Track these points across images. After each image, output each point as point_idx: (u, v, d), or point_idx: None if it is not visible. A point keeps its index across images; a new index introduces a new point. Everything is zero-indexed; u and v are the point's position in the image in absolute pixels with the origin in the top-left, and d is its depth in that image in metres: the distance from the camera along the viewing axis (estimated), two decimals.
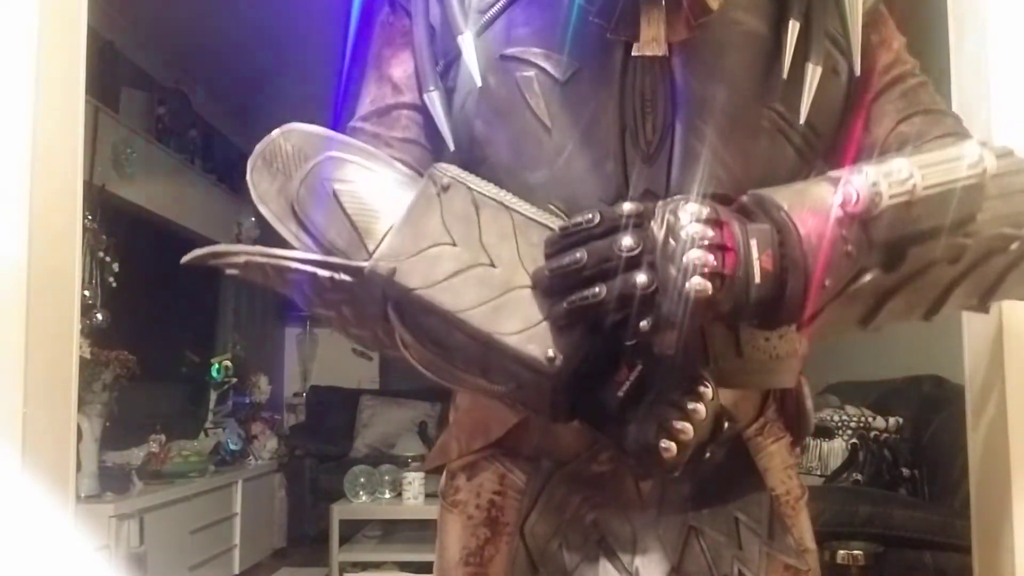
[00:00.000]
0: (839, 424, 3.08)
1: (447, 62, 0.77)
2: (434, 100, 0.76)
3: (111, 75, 3.67)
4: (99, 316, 3.18)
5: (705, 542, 0.78)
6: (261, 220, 0.76)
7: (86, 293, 3.13)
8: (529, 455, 0.81)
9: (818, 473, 3.03)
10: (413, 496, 3.67)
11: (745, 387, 0.81)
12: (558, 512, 0.79)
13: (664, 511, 0.78)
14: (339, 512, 3.69)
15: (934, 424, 2.88)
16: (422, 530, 3.59)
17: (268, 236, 0.75)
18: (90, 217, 3.11)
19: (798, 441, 0.88)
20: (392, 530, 3.93)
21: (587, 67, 0.71)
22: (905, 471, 2.89)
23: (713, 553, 0.77)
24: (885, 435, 2.99)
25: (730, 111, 0.71)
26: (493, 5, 0.74)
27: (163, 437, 3.68)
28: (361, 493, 3.82)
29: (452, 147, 0.76)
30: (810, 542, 0.84)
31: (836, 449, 3.03)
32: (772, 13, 0.72)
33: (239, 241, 4.96)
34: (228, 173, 4.88)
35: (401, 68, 0.82)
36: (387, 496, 3.84)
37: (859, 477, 2.92)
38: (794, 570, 0.80)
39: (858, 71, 0.75)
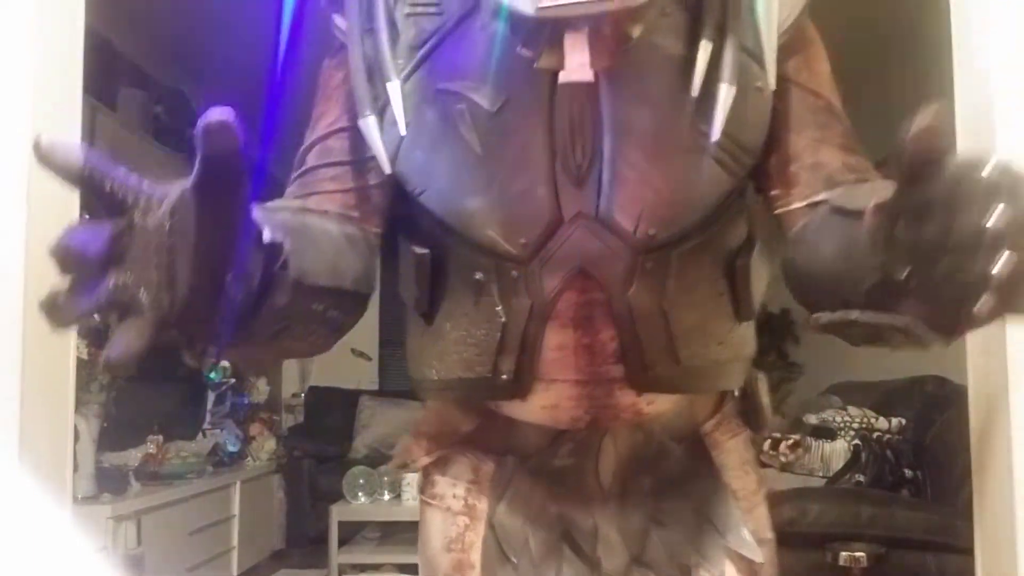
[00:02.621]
0: (841, 425, 3.07)
1: (384, 102, 0.77)
2: (370, 125, 0.76)
3: (109, 74, 3.66)
4: (96, 317, 3.17)
5: (664, 534, 0.83)
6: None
7: None
8: (496, 450, 0.87)
9: (820, 474, 3.03)
10: (412, 497, 3.66)
11: (686, 392, 0.83)
12: (525, 505, 0.85)
13: (625, 504, 0.84)
14: (338, 513, 3.68)
15: (937, 425, 2.87)
16: None
17: None
18: (88, 216, 3.10)
19: (757, 434, 0.93)
20: (391, 531, 3.92)
21: (516, 96, 0.72)
22: (907, 472, 2.89)
23: (672, 545, 0.83)
24: (888, 436, 2.99)
25: (655, 133, 0.73)
26: (426, 43, 0.75)
27: (161, 438, 3.67)
28: (360, 494, 3.81)
29: (388, 170, 0.77)
30: (767, 532, 0.88)
31: (838, 450, 3.02)
32: (690, 34, 0.72)
33: None
34: None
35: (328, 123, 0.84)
36: (386, 497, 3.83)
37: (861, 478, 2.92)
38: (748, 561, 0.84)
39: (772, 86, 0.75)
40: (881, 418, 3.04)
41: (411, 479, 3.71)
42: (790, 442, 3.13)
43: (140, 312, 0.48)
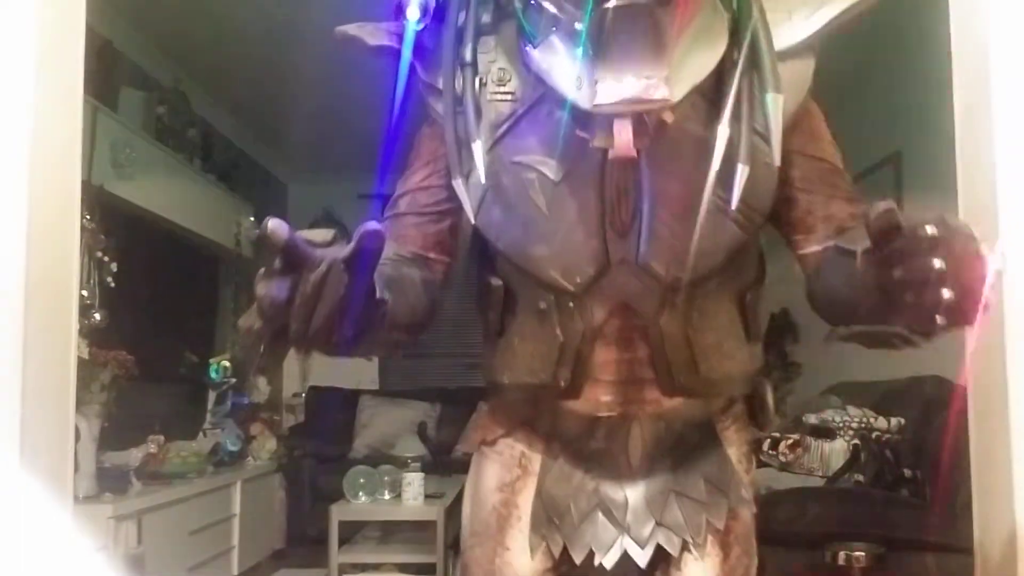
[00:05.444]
0: (841, 425, 3.07)
1: (470, 168, 0.95)
2: (459, 186, 0.96)
3: (110, 74, 3.66)
4: (97, 316, 3.17)
5: (682, 501, 1.06)
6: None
7: (84, 293, 3.12)
8: (545, 434, 1.10)
9: (820, 474, 3.02)
10: (412, 497, 3.66)
11: (702, 396, 1.05)
12: (567, 480, 1.08)
13: (650, 479, 1.07)
14: (338, 513, 3.67)
15: (936, 425, 2.87)
16: (422, 531, 3.58)
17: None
18: (88, 217, 3.10)
19: (762, 431, 1.18)
20: (391, 531, 3.92)
21: (575, 169, 0.93)
22: (907, 472, 2.88)
23: (688, 509, 1.06)
24: (887, 436, 2.98)
25: (682, 199, 0.92)
26: (503, 123, 0.95)
27: (161, 438, 3.67)
28: (360, 494, 3.81)
29: (473, 221, 0.98)
30: (750, 492, 1.12)
31: (838, 450, 3.02)
32: (712, 119, 0.89)
33: (238, 242, 4.96)
34: (227, 173, 4.86)
35: (421, 178, 1.07)
36: (386, 497, 3.83)
37: (861, 478, 2.91)
38: (743, 514, 1.09)
39: (777, 163, 0.92)
40: (880, 418, 3.03)
41: (411, 479, 3.70)
42: (789, 442, 3.12)
43: (285, 338, 0.70)
